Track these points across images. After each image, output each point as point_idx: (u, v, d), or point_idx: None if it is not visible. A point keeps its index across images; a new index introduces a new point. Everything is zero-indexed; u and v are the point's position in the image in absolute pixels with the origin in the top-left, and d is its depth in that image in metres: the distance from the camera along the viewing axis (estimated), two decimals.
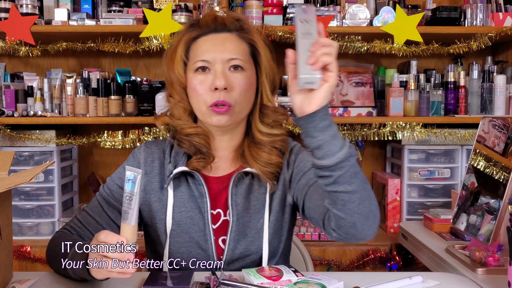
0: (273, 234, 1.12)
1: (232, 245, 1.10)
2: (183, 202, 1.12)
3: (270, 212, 1.12)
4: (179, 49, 1.12)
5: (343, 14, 2.09)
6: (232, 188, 1.11)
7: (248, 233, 1.11)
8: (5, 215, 0.96)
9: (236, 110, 1.09)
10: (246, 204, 1.12)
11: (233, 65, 1.09)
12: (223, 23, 1.12)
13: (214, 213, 1.13)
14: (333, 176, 0.89)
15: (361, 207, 0.93)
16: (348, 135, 2.04)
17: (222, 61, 1.09)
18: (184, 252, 1.11)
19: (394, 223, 2.15)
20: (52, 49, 2.08)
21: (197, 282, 0.99)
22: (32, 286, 1.02)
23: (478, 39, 2.04)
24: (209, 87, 1.08)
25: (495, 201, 1.19)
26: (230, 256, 1.10)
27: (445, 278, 1.10)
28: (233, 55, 1.09)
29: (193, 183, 1.12)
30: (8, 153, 1.05)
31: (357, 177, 0.91)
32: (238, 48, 1.11)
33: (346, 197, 0.91)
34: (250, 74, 1.11)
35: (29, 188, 2.07)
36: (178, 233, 1.11)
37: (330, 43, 0.86)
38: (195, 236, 1.11)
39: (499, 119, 1.27)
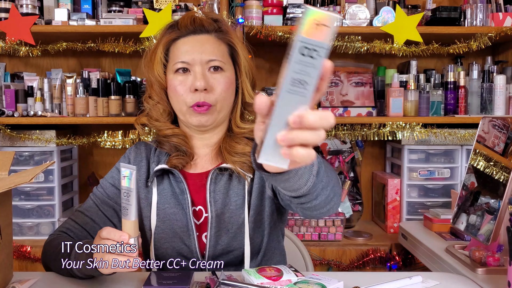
0: (254, 228, 1.13)
1: (214, 241, 1.11)
2: (166, 199, 1.15)
3: (250, 207, 1.13)
4: (158, 51, 1.14)
5: (343, 14, 2.09)
6: (210, 185, 1.13)
7: (230, 229, 1.12)
8: (5, 215, 0.96)
9: (217, 109, 1.12)
10: (226, 200, 1.13)
11: (213, 66, 1.11)
12: (201, 24, 1.14)
13: (197, 209, 1.15)
14: (300, 200, 0.87)
15: (327, 204, 0.92)
16: (348, 135, 2.04)
17: (202, 62, 1.11)
18: (168, 248, 1.13)
19: (394, 223, 2.15)
20: (52, 49, 2.08)
21: (197, 282, 0.99)
22: (32, 286, 1.02)
23: (478, 39, 2.04)
24: (189, 88, 1.10)
25: (495, 201, 1.19)
26: (212, 252, 1.12)
27: (445, 278, 1.10)
28: (212, 57, 1.11)
29: (174, 181, 1.15)
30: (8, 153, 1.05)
31: (324, 189, 0.87)
32: (217, 49, 1.13)
33: (313, 207, 0.91)
34: (229, 74, 1.14)
35: (29, 188, 2.07)
36: (162, 229, 1.13)
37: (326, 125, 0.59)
38: (178, 232, 1.13)
39: (499, 119, 1.27)
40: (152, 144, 1.23)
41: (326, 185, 0.88)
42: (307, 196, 0.85)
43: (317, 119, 0.58)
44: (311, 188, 0.82)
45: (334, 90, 2.19)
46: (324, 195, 0.89)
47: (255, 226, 1.14)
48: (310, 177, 0.80)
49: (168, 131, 1.15)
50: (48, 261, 1.11)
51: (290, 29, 2.00)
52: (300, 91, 0.56)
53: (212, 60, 1.11)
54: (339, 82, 2.21)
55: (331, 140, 2.23)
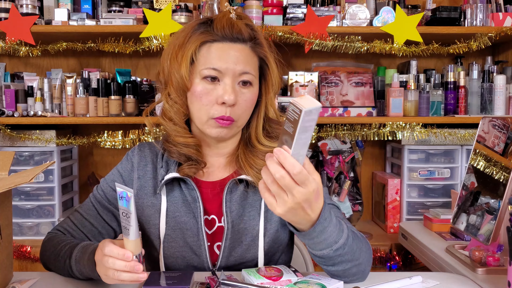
0: (269, 243, 1.10)
1: (227, 252, 1.08)
2: (176, 207, 1.10)
3: (266, 220, 1.10)
4: (189, 50, 1.04)
5: (343, 14, 2.09)
6: (226, 194, 1.08)
7: (243, 240, 1.08)
8: (5, 215, 0.96)
9: (238, 125, 1.08)
10: (240, 211, 1.09)
11: (243, 80, 1.05)
12: (239, 32, 1.05)
13: (209, 218, 1.11)
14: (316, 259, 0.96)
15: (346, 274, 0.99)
16: (348, 135, 2.04)
17: (234, 73, 1.04)
18: (179, 257, 1.09)
19: (394, 223, 2.15)
20: (52, 49, 2.08)
21: (197, 282, 0.99)
22: (32, 286, 1.02)
23: (478, 39, 2.04)
24: (216, 99, 1.03)
25: (495, 201, 1.19)
26: (224, 263, 1.08)
27: (445, 278, 1.10)
28: (245, 69, 1.05)
29: (186, 188, 1.10)
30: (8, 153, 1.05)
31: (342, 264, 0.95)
32: (250, 61, 1.06)
33: (327, 270, 0.98)
34: (256, 89, 1.09)
35: (29, 188, 2.07)
36: (172, 238, 1.09)
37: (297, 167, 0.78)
38: (189, 241, 1.09)
39: (499, 119, 1.27)
40: (157, 146, 1.15)
41: (348, 261, 0.95)
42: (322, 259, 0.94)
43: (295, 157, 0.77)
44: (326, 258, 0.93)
45: (334, 90, 2.19)
46: (342, 268, 0.96)
47: (271, 240, 1.10)
48: (326, 249, 0.91)
49: (181, 139, 1.08)
50: (47, 260, 1.10)
51: (290, 29, 2.00)
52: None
53: (245, 73, 1.05)
54: (339, 82, 2.21)
55: (331, 140, 2.23)
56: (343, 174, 2.23)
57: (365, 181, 2.42)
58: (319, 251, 0.92)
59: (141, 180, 1.13)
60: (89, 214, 1.14)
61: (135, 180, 1.13)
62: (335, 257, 0.93)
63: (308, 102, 0.73)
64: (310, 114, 0.73)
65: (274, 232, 1.10)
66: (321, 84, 2.19)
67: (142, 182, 1.13)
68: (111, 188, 1.15)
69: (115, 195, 1.12)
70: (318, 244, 0.90)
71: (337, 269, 0.96)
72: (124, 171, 1.16)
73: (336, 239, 0.90)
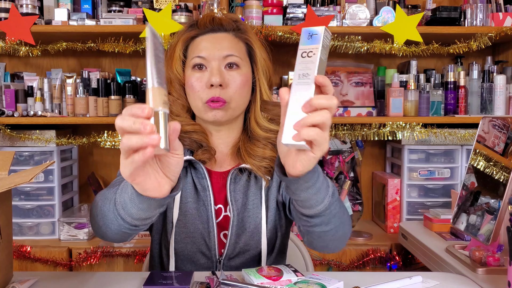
0: (271, 229, 1.15)
1: (234, 240, 1.12)
2: (188, 193, 1.14)
3: (267, 208, 1.15)
4: (177, 48, 1.15)
5: (343, 14, 2.09)
6: (230, 184, 1.13)
7: (247, 228, 1.13)
8: (5, 215, 0.96)
9: (231, 106, 1.12)
10: (244, 200, 1.14)
11: (229, 62, 1.11)
12: (220, 23, 1.15)
13: (216, 208, 1.15)
14: (312, 221, 0.94)
15: (335, 236, 0.99)
16: (348, 135, 2.04)
17: (219, 58, 1.11)
18: (189, 243, 1.13)
19: (394, 223, 2.15)
20: (52, 49, 2.08)
21: (197, 282, 0.99)
22: (32, 286, 1.02)
23: (478, 39, 2.04)
24: (205, 83, 1.10)
25: (495, 201, 1.19)
26: (231, 251, 1.13)
27: (445, 278, 1.10)
28: (229, 52, 1.11)
29: (196, 176, 1.15)
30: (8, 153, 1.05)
31: (335, 217, 0.95)
32: (234, 46, 1.13)
33: (322, 234, 0.98)
34: (245, 71, 1.14)
35: (29, 188, 2.07)
36: (184, 223, 1.13)
37: (327, 105, 0.74)
38: (200, 228, 1.13)
39: (499, 119, 1.27)
40: None
41: (339, 215, 0.96)
42: (320, 217, 0.92)
43: (322, 100, 0.74)
44: (327, 208, 0.91)
45: (334, 90, 2.19)
46: (335, 224, 0.96)
47: (272, 227, 1.15)
48: (326, 195, 0.90)
49: (188, 127, 1.14)
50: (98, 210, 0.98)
51: (290, 29, 2.00)
52: (304, 81, 0.75)
53: (229, 55, 1.11)
54: (339, 82, 2.21)
55: (331, 140, 2.23)
56: (343, 174, 2.23)
57: (365, 181, 2.42)
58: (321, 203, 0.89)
59: None
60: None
61: None
62: (331, 207, 0.92)
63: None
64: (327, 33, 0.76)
65: (273, 218, 1.15)
66: None
67: None
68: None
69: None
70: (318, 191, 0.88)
71: (331, 228, 0.95)
72: None
73: (327, 183, 0.91)
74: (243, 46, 1.16)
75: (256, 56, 1.16)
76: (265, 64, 1.17)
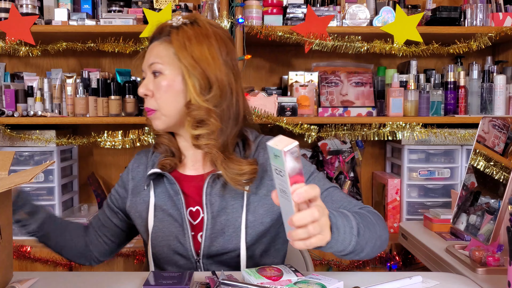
0: (252, 234, 1.13)
1: (209, 241, 1.13)
2: (163, 201, 1.17)
3: (249, 212, 1.13)
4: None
5: (343, 14, 2.09)
6: (206, 188, 1.14)
7: (226, 231, 1.13)
8: (5, 215, 0.96)
9: (163, 113, 1.13)
10: (223, 203, 1.14)
11: (153, 70, 1.14)
12: (156, 32, 1.17)
13: (194, 210, 1.16)
14: (346, 257, 0.97)
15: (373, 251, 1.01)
16: (348, 135, 2.04)
17: (148, 67, 1.15)
18: (165, 246, 1.15)
19: (394, 223, 2.15)
20: (52, 49, 2.08)
21: (197, 282, 0.99)
22: (32, 286, 1.02)
23: (478, 39, 2.04)
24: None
25: (495, 201, 1.19)
26: (206, 252, 1.13)
27: (445, 278, 1.10)
28: (152, 60, 1.13)
29: (167, 183, 1.17)
30: (8, 153, 1.05)
31: (367, 243, 0.97)
32: (160, 53, 1.13)
33: (361, 258, 1.00)
34: (170, 76, 1.12)
35: (29, 188, 2.07)
36: (159, 228, 1.16)
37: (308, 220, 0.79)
38: (174, 231, 1.15)
39: (499, 119, 1.27)
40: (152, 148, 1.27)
41: (371, 238, 0.97)
42: (353, 252, 0.94)
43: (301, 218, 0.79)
44: (355, 246, 0.93)
45: (334, 90, 2.19)
46: (370, 247, 0.98)
47: (254, 232, 1.13)
48: (352, 238, 0.91)
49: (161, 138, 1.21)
50: None
51: (290, 29, 2.00)
52: (284, 196, 0.79)
53: (152, 64, 1.13)
54: (339, 82, 2.21)
55: (331, 140, 2.23)
56: (343, 174, 2.23)
57: (365, 181, 2.42)
58: (348, 246, 0.91)
59: (135, 180, 1.24)
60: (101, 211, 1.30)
61: (130, 181, 1.24)
62: (360, 241, 0.94)
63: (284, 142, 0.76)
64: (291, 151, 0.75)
65: (259, 224, 1.13)
66: (321, 84, 2.19)
67: (135, 182, 1.24)
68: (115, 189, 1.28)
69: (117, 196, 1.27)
70: (343, 242, 0.90)
71: (367, 252, 0.98)
72: (124, 174, 1.28)
73: (350, 225, 0.92)
74: (172, 50, 1.12)
75: (179, 58, 1.11)
76: (191, 65, 1.10)
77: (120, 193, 1.26)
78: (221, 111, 1.11)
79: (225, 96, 1.12)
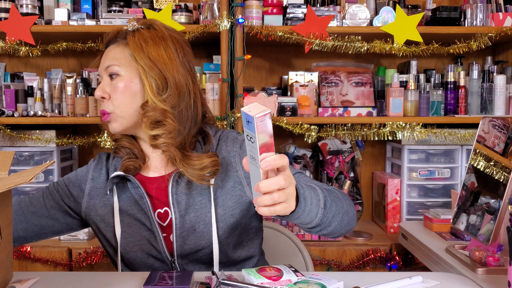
0: (224, 228, 1.13)
1: (180, 241, 1.13)
2: (129, 206, 1.16)
3: (217, 206, 1.13)
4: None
5: (343, 14, 2.09)
6: (172, 187, 1.13)
7: (196, 228, 1.13)
8: (5, 215, 0.96)
9: (119, 115, 1.12)
10: (190, 201, 1.13)
11: (110, 73, 1.13)
12: (111, 36, 1.16)
13: (162, 211, 1.16)
14: (312, 231, 1.00)
15: (341, 226, 1.03)
16: (348, 135, 2.04)
17: (104, 70, 1.13)
18: (138, 250, 1.15)
19: (394, 223, 2.15)
20: (52, 49, 2.08)
21: (197, 282, 0.99)
22: (32, 286, 1.02)
23: (478, 39, 2.04)
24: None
25: (495, 201, 1.19)
26: (180, 251, 1.13)
27: (445, 278, 1.10)
28: (109, 63, 1.13)
29: (132, 187, 1.16)
30: (8, 153, 1.05)
31: (335, 216, 0.99)
32: (116, 55, 1.13)
33: (328, 233, 1.03)
34: (127, 77, 1.12)
35: (29, 188, 2.07)
36: (129, 234, 1.15)
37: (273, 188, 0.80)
38: (145, 235, 1.14)
39: (499, 119, 1.27)
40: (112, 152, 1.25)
41: (338, 212, 1.00)
42: (320, 225, 0.97)
43: (267, 185, 0.80)
44: (322, 219, 0.95)
45: (334, 90, 2.19)
46: (337, 221, 1.00)
47: (226, 225, 1.14)
48: (318, 210, 0.94)
49: (116, 135, 1.19)
50: None
51: (290, 29, 2.00)
52: (253, 162, 0.81)
53: (108, 66, 1.12)
54: (339, 82, 2.21)
55: (331, 140, 2.23)
56: (343, 174, 2.23)
57: (365, 181, 2.42)
58: (315, 218, 0.94)
59: (94, 181, 1.21)
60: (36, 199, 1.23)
61: (88, 181, 1.21)
62: (327, 214, 0.96)
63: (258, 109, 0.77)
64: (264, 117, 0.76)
65: (229, 217, 1.14)
66: (321, 84, 2.19)
67: (95, 183, 1.21)
68: (64, 183, 1.23)
69: (67, 192, 1.22)
70: (309, 213, 0.92)
71: (334, 227, 1.01)
72: (81, 172, 1.25)
73: (317, 197, 0.94)
74: (128, 51, 1.12)
75: (136, 58, 1.11)
76: (147, 65, 1.10)
77: (73, 191, 1.21)
78: (178, 112, 1.12)
79: (183, 97, 1.12)
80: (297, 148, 2.26)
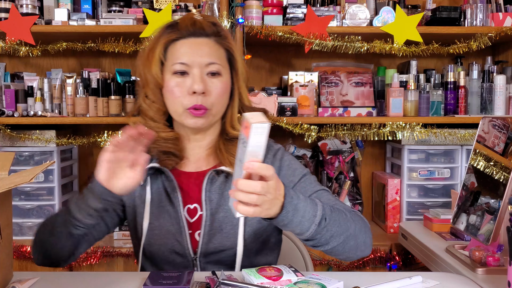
0: (250, 232, 1.14)
1: (206, 239, 1.12)
2: (160, 197, 1.16)
3: None
4: (157, 50, 1.13)
5: (343, 14, 2.09)
6: (206, 184, 1.14)
7: (223, 228, 1.13)
8: (5, 215, 0.96)
9: (212, 113, 1.13)
10: (221, 200, 1.14)
11: (211, 71, 1.12)
12: (201, 27, 1.14)
13: (191, 207, 1.16)
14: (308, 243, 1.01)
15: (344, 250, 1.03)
16: (348, 135, 2.04)
17: (201, 65, 1.11)
18: (162, 244, 1.14)
19: (394, 223, 2.15)
20: (52, 49, 2.08)
21: (197, 282, 0.99)
22: (32, 286, 1.02)
23: (478, 39, 2.04)
24: (187, 90, 1.10)
25: (495, 201, 1.19)
26: (204, 249, 1.13)
27: (445, 278, 1.10)
28: (211, 60, 1.12)
29: (165, 180, 1.16)
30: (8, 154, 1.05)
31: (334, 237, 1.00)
32: (216, 53, 1.14)
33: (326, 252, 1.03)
34: (226, 79, 1.15)
35: (29, 188, 2.07)
36: (155, 226, 1.15)
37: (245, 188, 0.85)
38: (171, 229, 1.14)
39: (499, 119, 1.27)
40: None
41: (339, 234, 1.00)
42: (314, 240, 0.99)
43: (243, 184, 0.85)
44: (315, 235, 0.97)
45: (334, 90, 2.19)
46: (337, 242, 1.01)
47: (252, 230, 1.14)
48: (311, 225, 0.95)
49: (164, 134, 1.16)
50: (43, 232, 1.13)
51: (290, 29, 2.00)
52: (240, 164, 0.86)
53: (211, 63, 1.12)
54: (339, 82, 2.21)
55: (331, 140, 2.23)
56: (343, 174, 2.23)
57: (365, 181, 2.42)
58: (306, 231, 0.96)
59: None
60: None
61: None
62: (322, 231, 0.98)
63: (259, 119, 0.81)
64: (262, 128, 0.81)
65: (256, 222, 1.15)
66: (321, 84, 2.19)
67: None
68: None
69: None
70: (299, 224, 0.94)
71: (333, 246, 1.01)
72: None
73: (314, 213, 0.96)
74: (224, 52, 1.16)
75: (237, 64, 1.17)
76: (244, 71, 1.18)
77: None
78: None
79: None
80: (297, 148, 2.26)
